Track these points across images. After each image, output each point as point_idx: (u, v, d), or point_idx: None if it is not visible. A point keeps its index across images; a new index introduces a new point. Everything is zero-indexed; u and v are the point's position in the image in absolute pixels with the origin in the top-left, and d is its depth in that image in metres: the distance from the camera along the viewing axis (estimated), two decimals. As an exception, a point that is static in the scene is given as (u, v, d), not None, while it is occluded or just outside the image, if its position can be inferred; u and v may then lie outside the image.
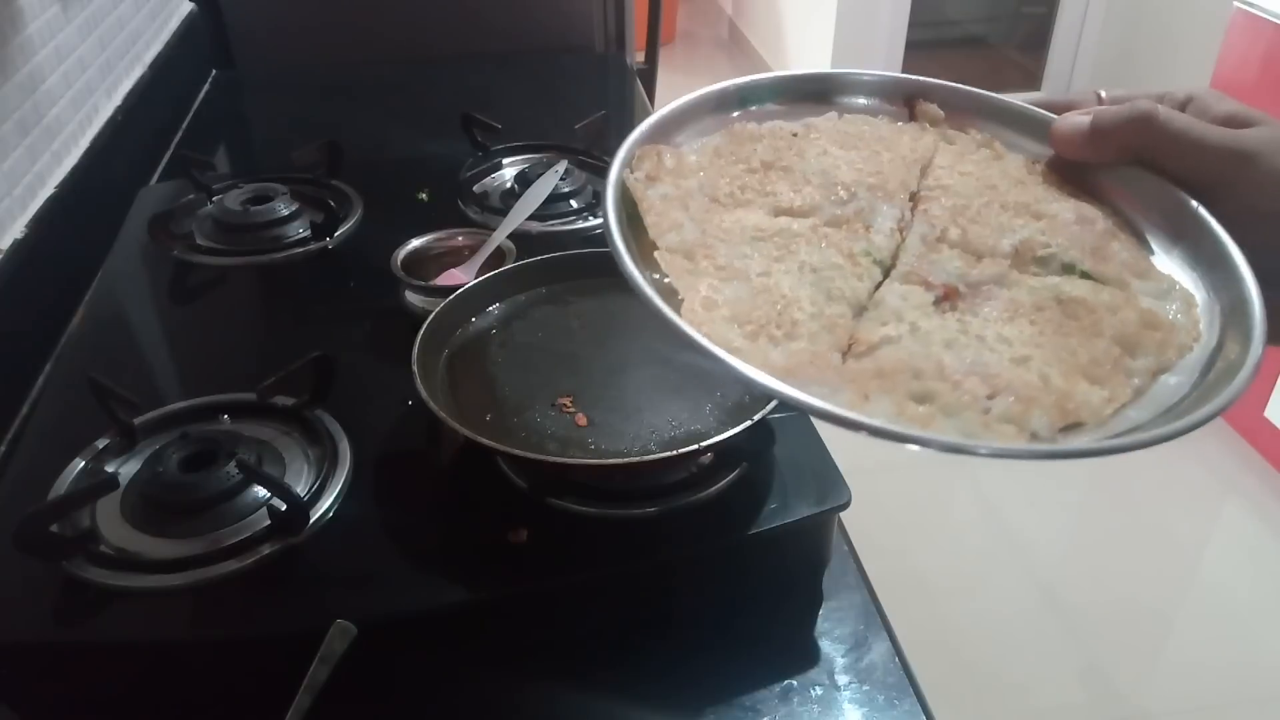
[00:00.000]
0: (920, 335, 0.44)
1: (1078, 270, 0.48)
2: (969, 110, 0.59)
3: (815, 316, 0.44)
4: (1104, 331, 0.45)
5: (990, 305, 0.46)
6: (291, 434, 0.73)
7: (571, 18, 1.67)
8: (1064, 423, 0.40)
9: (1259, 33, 1.95)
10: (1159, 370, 0.44)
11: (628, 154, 0.50)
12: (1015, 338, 0.44)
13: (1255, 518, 1.99)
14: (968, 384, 0.41)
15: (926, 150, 0.56)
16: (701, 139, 0.55)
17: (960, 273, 0.48)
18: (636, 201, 0.48)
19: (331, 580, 0.62)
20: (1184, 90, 0.51)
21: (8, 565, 0.61)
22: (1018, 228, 0.50)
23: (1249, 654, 1.71)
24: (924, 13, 3.26)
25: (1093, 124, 0.51)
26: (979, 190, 0.53)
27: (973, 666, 1.67)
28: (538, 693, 0.63)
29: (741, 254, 0.47)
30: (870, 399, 0.41)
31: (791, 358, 0.42)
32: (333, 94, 1.52)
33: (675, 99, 0.55)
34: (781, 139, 0.55)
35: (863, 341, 0.44)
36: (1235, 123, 0.48)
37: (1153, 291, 0.48)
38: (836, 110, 0.58)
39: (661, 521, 0.66)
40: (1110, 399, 0.42)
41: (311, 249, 1.00)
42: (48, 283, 0.97)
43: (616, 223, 0.45)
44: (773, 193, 0.52)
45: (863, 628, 0.66)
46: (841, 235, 0.50)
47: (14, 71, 0.98)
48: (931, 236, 0.50)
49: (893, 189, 0.52)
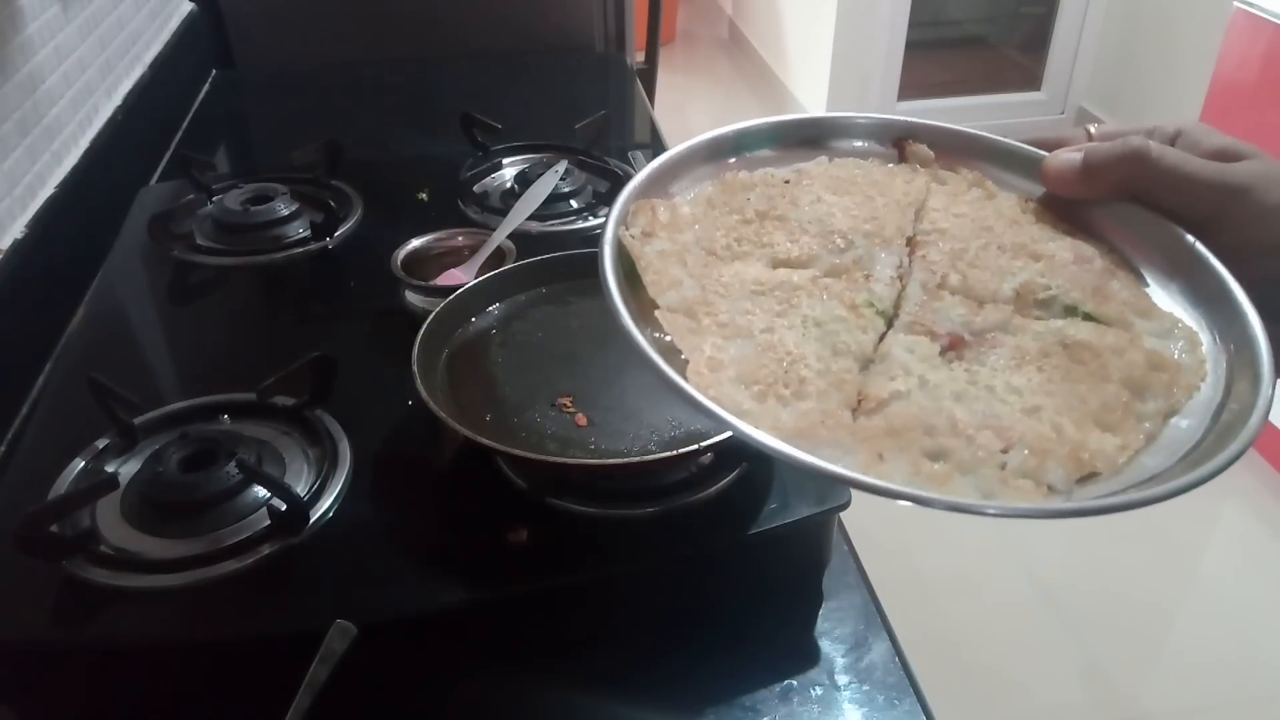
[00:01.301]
0: (930, 389, 0.43)
1: (1080, 312, 0.48)
2: (959, 150, 0.58)
3: (822, 373, 0.44)
4: (1111, 376, 0.44)
5: (996, 353, 0.46)
6: (291, 434, 0.73)
7: (571, 18, 1.67)
8: (1079, 474, 0.40)
9: (1259, 33, 1.95)
10: (1169, 413, 0.43)
11: (622, 210, 0.49)
12: (1024, 387, 0.44)
13: (1255, 518, 1.99)
14: (981, 438, 0.41)
15: (919, 193, 0.56)
16: (695, 188, 0.54)
17: (964, 320, 0.47)
18: (634, 260, 0.48)
19: (331, 580, 0.62)
20: (1173, 124, 0.51)
21: (8, 565, 0.61)
22: (1017, 270, 0.50)
23: (1249, 654, 1.71)
24: (924, 13, 3.26)
25: (1084, 161, 0.51)
26: (975, 232, 0.53)
27: (973, 666, 1.67)
28: (537, 693, 0.63)
29: (743, 310, 0.47)
30: (885, 459, 0.40)
31: (802, 418, 0.42)
32: (333, 94, 1.52)
33: (666, 151, 0.54)
34: (774, 186, 0.55)
35: (872, 398, 0.43)
36: (1225, 157, 0.48)
37: (1156, 331, 0.47)
38: (826, 154, 0.58)
39: (661, 521, 0.66)
40: (1124, 446, 0.41)
41: (311, 249, 1.00)
42: (48, 283, 0.97)
43: (615, 284, 0.45)
44: (769, 243, 0.51)
45: (863, 628, 0.66)
46: (842, 285, 0.49)
47: (14, 71, 0.98)
48: (932, 283, 0.50)
49: (889, 235, 0.52)
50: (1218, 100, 2.10)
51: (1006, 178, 0.57)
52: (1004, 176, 0.57)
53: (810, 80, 3.46)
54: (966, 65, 3.63)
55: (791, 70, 3.68)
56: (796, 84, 3.63)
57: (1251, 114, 2.00)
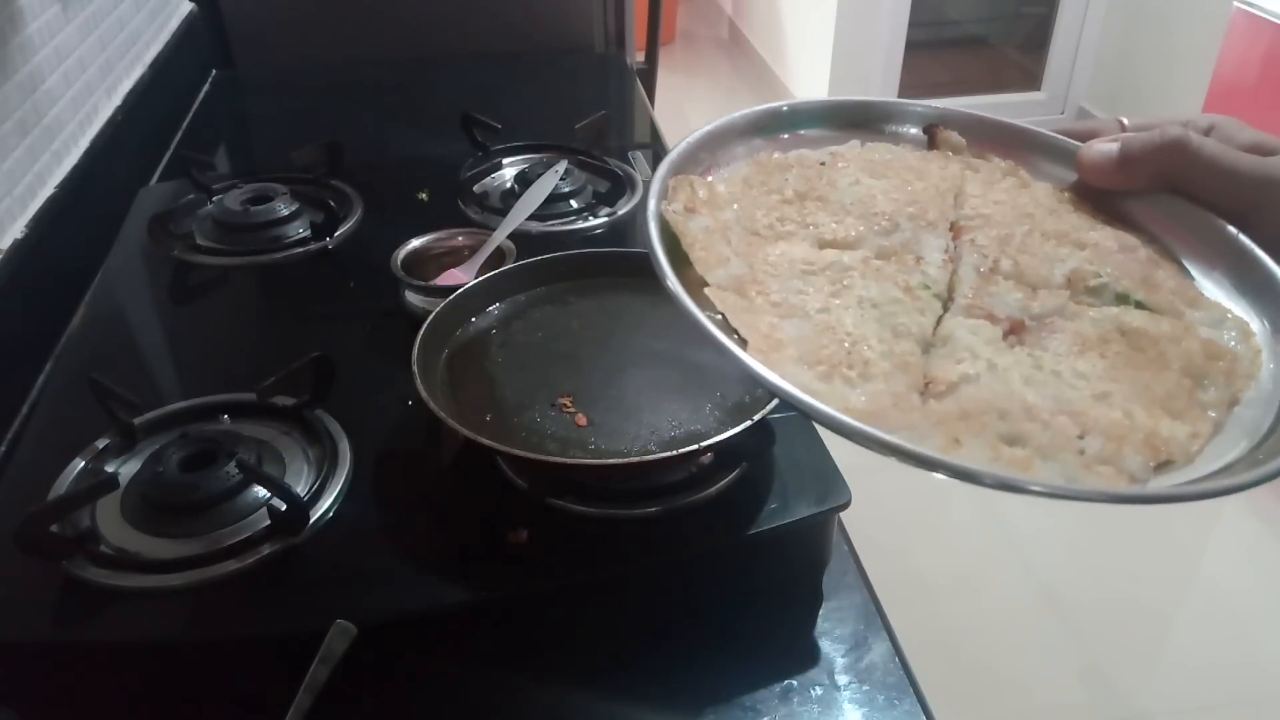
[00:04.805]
0: (998, 372, 0.43)
1: (1132, 300, 0.48)
2: (990, 139, 0.58)
3: (886, 355, 0.43)
4: (1171, 364, 0.44)
5: (1057, 339, 0.45)
6: (291, 434, 0.73)
7: (571, 18, 1.67)
8: (1155, 461, 0.40)
9: (1259, 33, 1.95)
10: (1231, 402, 0.43)
11: (661, 185, 0.48)
12: (1090, 372, 0.43)
13: (1255, 518, 1.99)
14: (1057, 423, 0.40)
15: (955, 178, 0.55)
16: (727, 168, 0.53)
17: (1022, 305, 0.47)
18: (679, 236, 0.47)
19: (331, 580, 0.62)
20: (1206, 119, 0.51)
21: (8, 565, 0.61)
22: (1064, 257, 0.49)
23: (1249, 654, 1.71)
24: (924, 13, 3.26)
25: (1122, 151, 0.51)
26: (1017, 219, 0.52)
27: (973, 666, 1.67)
28: (537, 693, 0.63)
29: (795, 289, 0.46)
30: (962, 443, 0.40)
31: (873, 400, 0.41)
32: (333, 94, 1.52)
33: (701, 124, 0.53)
34: (810, 168, 0.54)
35: (941, 381, 0.42)
36: (1261, 150, 0.48)
37: (1207, 320, 0.47)
38: (858, 138, 0.57)
39: (661, 521, 0.66)
40: (1195, 434, 0.41)
41: (311, 249, 1.00)
42: (48, 283, 0.97)
43: (668, 262, 0.43)
44: (813, 224, 0.51)
45: (863, 628, 0.66)
46: (894, 268, 0.48)
47: (14, 71, 0.98)
48: (984, 268, 0.49)
49: (933, 219, 0.51)
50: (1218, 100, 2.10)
51: (1038, 166, 0.57)
52: (1036, 165, 0.57)
53: (810, 80, 3.46)
54: (966, 65, 3.63)
55: (791, 70, 3.68)
56: (796, 84, 3.63)
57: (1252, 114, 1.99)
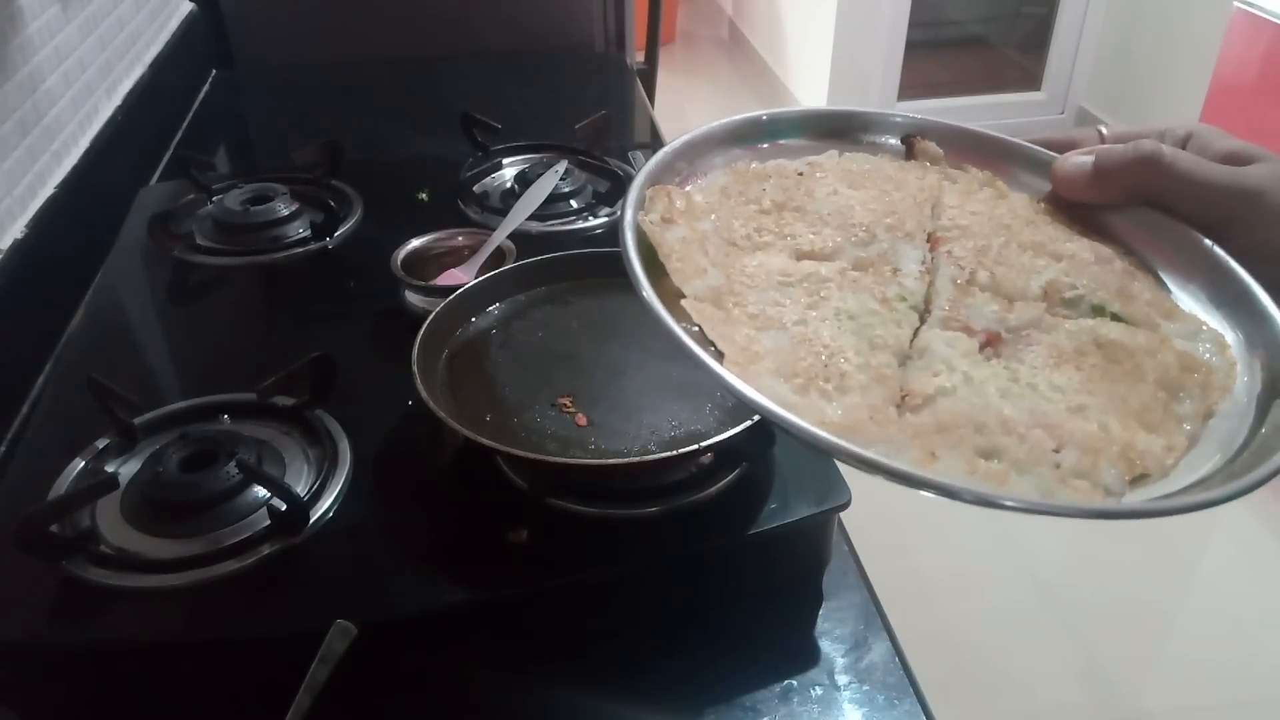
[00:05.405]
0: (975, 385, 0.43)
1: (1108, 312, 0.48)
2: (967, 149, 0.58)
3: (862, 367, 0.43)
4: (1147, 376, 0.44)
5: (1033, 351, 0.45)
6: (291, 434, 0.73)
7: (571, 18, 1.67)
8: (1131, 474, 0.40)
9: (1259, 33, 1.95)
10: (1206, 415, 0.43)
11: (638, 195, 0.48)
12: (1066, 385, 0.43)
13: (1255, 518, 1.99)
14: (1033, 436, 0.40)
15: (933, 189, 0.55)
16: (705, 178, 0.53)
17: (999, 317, 0.47)
18: (655, 246, 0.46)
19: (331, 580, 0.62)
20: (1183, 127, 0.51)
21: (8, 565, 0.61)
22: (1041, 269, 0.49)
23: (1249, 654, 1.71)
24: (924, 13, 3.26)
25: (1096, 165, 0.50)
26: (994, 230, 0.52)
27: (973, 666, 1.67)
28: (537, 693, 0.63)
29: (773, 301, 0.46)
30: (938, 456, 0.40)
31: (849, 413, 0.41)
32: (333, 94, 1.52)
33: (680, 134, 0.53)
34: (788, 178, 0.54)
35: (917, 393, 0.42)
36: (1237, 160, 0.48)
37: (1182, 333, 0.47)
38: (837, 148, 0.57)
39: (661, 521, 0.66)
40: (1170, 448, 0.41)
41: (311, 249, 1.00)
42: (48, 283, 0.97)
43: (644, 273, 0.43)
44: (791, 234, 0.51)
45: (863, 628, 0.66)
46: (871, 279, 0.48)
47: (14, 71, 0.98)
48: (961, 279, 0.49)
49: (911, 229, 0.51)
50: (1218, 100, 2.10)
51: (1015, 176, 0.56)
52: (1014, 176, 0.56)
53: (810, 80, 3.46)
54: (966, 65, 3.63)
55: (791, 70, 3.68)
56: (796, 84, 3.63)
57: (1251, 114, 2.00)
